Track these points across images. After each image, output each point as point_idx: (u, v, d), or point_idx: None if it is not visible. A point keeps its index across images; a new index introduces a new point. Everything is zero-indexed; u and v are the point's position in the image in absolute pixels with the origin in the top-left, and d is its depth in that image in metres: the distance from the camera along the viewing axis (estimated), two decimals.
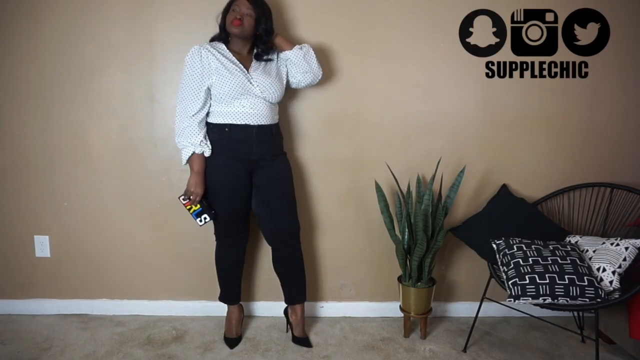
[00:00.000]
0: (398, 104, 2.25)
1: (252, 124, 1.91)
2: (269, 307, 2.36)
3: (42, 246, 2.33)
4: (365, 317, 2.38)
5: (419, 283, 2.15)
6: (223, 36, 1.96)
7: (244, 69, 1.91)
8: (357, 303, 2.40)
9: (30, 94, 2.22)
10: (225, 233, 2.08)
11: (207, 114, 1.94)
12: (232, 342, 2.10)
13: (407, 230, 2.15)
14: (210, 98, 1.92)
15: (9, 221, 2.32)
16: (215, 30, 2.00)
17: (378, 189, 2.16)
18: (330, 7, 2.18)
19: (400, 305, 2.22)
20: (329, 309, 2.40)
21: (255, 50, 1.98)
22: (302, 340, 2.11)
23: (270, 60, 2.01)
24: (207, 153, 1.91)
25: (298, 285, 2.14)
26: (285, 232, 2.06)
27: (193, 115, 1.88)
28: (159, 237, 2.33)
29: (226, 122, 1.91)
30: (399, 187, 2.18)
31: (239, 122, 1.91)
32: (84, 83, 2.21)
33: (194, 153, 1.89)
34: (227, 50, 1.92)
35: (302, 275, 2.14)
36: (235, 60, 1.91)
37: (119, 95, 2.23)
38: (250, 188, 2.01)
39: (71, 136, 2.25)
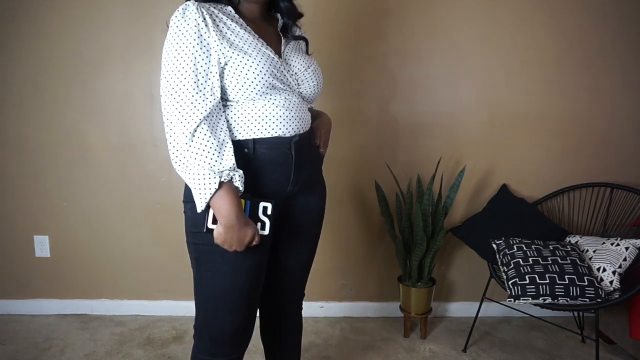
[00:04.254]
0: (398, 104, 2.25)
1: (287, 134, 1.16)
2: None
3: (42, 246, 2.33)
4: (365, 317, 2.38)
5: (419, 283, 2.15)
6: None
7: (270, 47, 1.15)
8: (357, 303, 2.40)
9: (30, 94, 2.22)
10: (225, 340, 1.20)
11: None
12: None
13: (407, 230, 2.15)
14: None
15: (9, 221, 2.32)
16: None
17: (378, 189, 2.16)
18: (329, 6, 2.18)
19: (400, 305, 2.22)
20: (329, 309, 2.40)
21: (280, 21, 1.25)
22: None
23: (302, 39, 1.28)
24: (238, 183, 1.07)
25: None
26: (299, 292, 1.44)
27: (203, 122, 1.05)
28: (159, 237, 2.33)
29: (249, 136, 1.14)
30: (399, 187, 2.18)
31: (267, 135, 1.14)
32: (83, 83, 2.21)
33: (221, 184, 1.04)
34: (237, 17, 1.15)
35: (300, 348, 1.53)
36: (254, 32, 1.15)
37: (118, 95, 2.23)
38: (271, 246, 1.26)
39: (71, 136, 2.25)
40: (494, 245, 2.02)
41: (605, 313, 2.06)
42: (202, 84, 1.06)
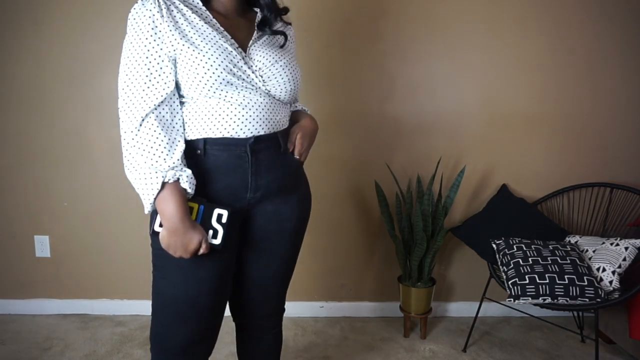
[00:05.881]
0: (398, 104, 2.25)
1: (242, 135, 1.08)
2: None
3: (42, 246, 2.33)
4: (365, 317, 2.38)
5: (419, 283, 2.15)
6: None
7: (233, 41, 1.09)
8: (357, 303, 2.40)
9: (30, 94, 2.22)
10: (183, 340, 1.13)
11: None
12: None
13: (407, 230, 2.15)
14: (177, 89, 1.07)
15: (9, 221, 2.32)
16: None
17: (378, 189, 2.16)
18: (329, 6, 2.18)
19: (400, 305, 2.22)
20: (329, 309, 2.40)
21: (258, 15, 1.17)
22: None
23: (280, 33, 1.18)
24: (186, 184, 1.02)
25: None
26: (275, 309, 1.34)
27: (151, 113, 1.01)
28: None
29: (200, 136, 1.07)
30: (399, 187, 2.18)
31: (218, 135, 1.07)
32: (84, 83, 2.21)
33: (164, 185, 1.00)
34: (204, 8, 1.10)
35: None
36: (218, 25, 1.09)
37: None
38: (236, 250, 1.18)
39: (71, 136, 2.25)
40: (494, 245, 2.02)
41: (605, 313, 2.06)
42: (152, 74, 1.01)
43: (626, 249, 1.82)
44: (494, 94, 2.24)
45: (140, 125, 1.00)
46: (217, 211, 1.05)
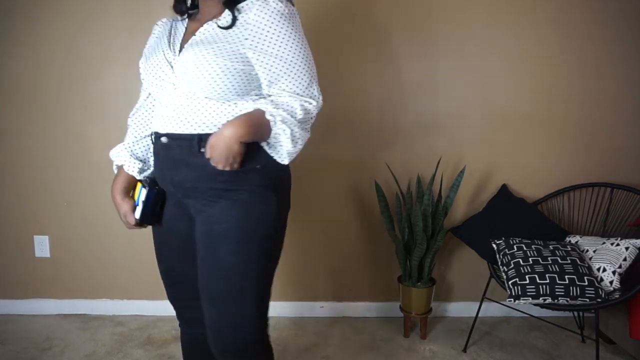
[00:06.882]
0: (398, 104, 2.25)
1: (160, 131, 1.17)
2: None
3: (42, 246, 2.33)
4: (365, 317, 2.38)
5: (419, 283, 2.15)
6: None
7: (171, 45, 1.18)
8: (357, 303, 2.40)
9: (30, 94, 2.22)
10: (172, 303, 1.35)
11: None
12: None
13: (407, 230, 2.15)
14: None
15: (9, 221, 2.32)
16: None
17: (378, 189, 2.16)
18: (330, 6, 2.18)
19: (400, 305, 2.22)
20: (329, 309, 2.40)
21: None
22: None
23: (233, 17, 1.11)
24: (130, 169, 1.32)
25: None
26: (217, 341, 1.19)
27: (134, 112, 1.38)
28: None
29: (153, 129, 1.25)
30: (398, 187, 2.18)
31: (154, 130, 1.22)
32: (84, 83, 2.21)
33: (119, 167, 1.35)
34: (180, 21, 1.26)
35: None
36: (178, 35, 1.21)
37: (119, 96, 2.23)
38: (187, 234, 1.22)
39: (71, 136, 2.25)
40: (494, 245, 2.02)
41: (605, 313, 2.06)
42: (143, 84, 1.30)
43: (627, 249, 1.82)
44: (494, 94, 2.24)
45: (129, 118, 1.37)
46: (143, 190, 1.23)
